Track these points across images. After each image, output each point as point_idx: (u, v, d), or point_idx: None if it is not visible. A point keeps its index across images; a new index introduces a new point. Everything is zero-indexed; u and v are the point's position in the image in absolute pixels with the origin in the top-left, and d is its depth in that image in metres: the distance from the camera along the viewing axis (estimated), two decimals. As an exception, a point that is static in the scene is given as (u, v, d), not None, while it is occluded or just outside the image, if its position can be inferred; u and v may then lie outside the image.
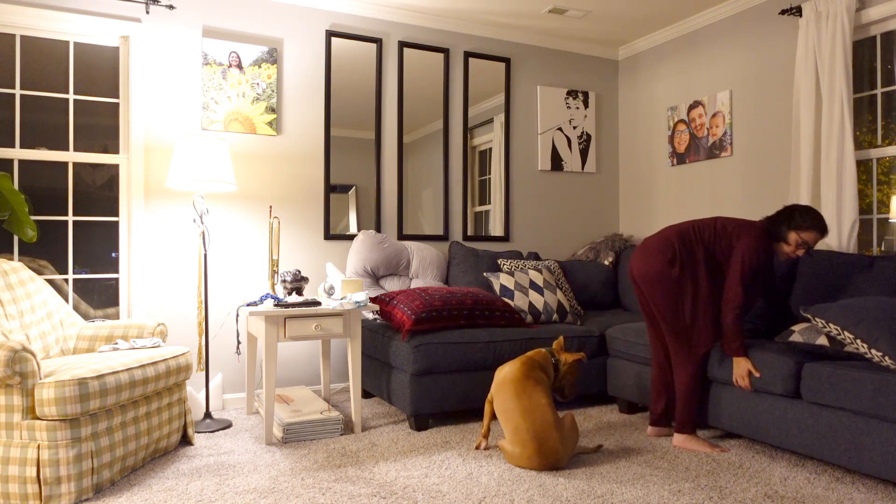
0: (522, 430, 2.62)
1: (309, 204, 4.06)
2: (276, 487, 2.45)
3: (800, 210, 2.85)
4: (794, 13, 3.69)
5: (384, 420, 3.44)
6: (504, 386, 2.76)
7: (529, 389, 2.70)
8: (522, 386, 2.71)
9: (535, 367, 2.84)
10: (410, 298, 3.34)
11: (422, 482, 2.49)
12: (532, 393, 2.69)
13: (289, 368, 3.98)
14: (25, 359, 2.22)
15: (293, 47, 4.01)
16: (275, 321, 3.03)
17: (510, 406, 2.68)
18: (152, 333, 3.04)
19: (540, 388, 2.74)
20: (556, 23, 4.55)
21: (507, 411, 2.69)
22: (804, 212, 2.84)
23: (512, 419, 2.66)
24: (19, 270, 2.95)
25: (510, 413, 2.68)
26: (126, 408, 2.52)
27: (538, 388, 2.73)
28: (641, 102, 4.96)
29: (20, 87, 3.45)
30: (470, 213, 4.62)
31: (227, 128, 3.79)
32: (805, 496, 2.35)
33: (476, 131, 4.64)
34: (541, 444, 2.58)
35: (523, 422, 2.62)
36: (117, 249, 3.65)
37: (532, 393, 2.69)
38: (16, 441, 2.23)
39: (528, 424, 2.61)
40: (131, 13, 3.58)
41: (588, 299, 4.42)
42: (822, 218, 2.83)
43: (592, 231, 5.09)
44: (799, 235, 2.82)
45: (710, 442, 2.93)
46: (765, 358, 2.74)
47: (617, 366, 3.58)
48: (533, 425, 2.60)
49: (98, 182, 3.64)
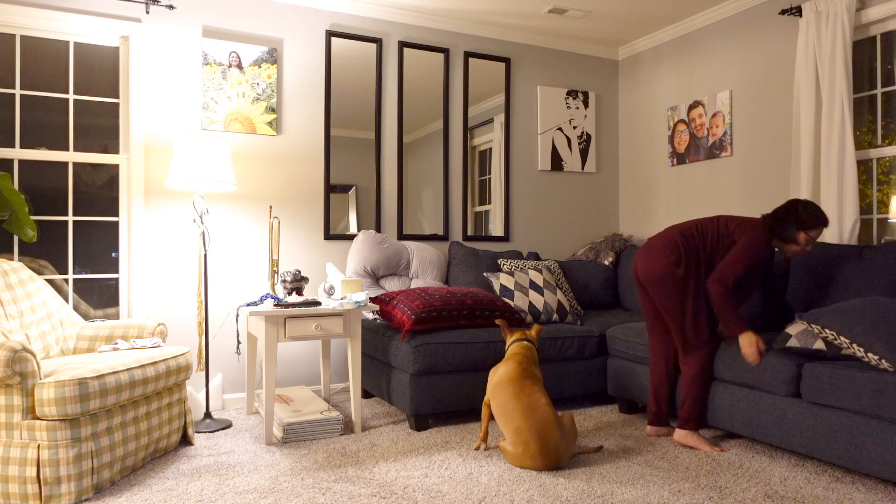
0: (524, 430, 2.61)
1: (309, 204, 4.06)
2: (276, 487, 2.45)
3: (803, 206, 2.86)
4: (794, 13, 3.69)
5: (384, 420, 3.44)
6: (502, 387, 2.75)
7: (528, 389, 2.70)
8: (521, 386, 2.71)
9: (530, 365, 2.84)
10: (410, 298, 3.34)
11: (422, 482, 2.49)
12: (531, 392, 2.69)
13: (289, 368, 3.98)
14: (25, 359, 2.22)
15: (293, 47, 4.01)
16: (275, 321, 3.03)
17: (510, 407, 2.68)
18: (152, 333, 3.04)
19: (537, 386, 2.74)
20: (556, 23, 4.55)
21: (507, 412, 2.69)
22: (808, 208, 2.85)
23: (513, 420, 2.66)
24: (19, 270, 2.94)
25: (511, 414, 2.67)
26: (126, 408, 2.52)
27: (535, 386, 2.73)
28: (641, 102, 4.96)
29: (20, 87, 3.45)
30: (470, 213, 4.62)
31: (227, 128, 3.79)
32: (805, 496, 2.35)
33: (476, 131, 4.64)
34: (543, 443, 2.58)
35: (524, 422, 2.62)
36: (117, 249, 3.65)
37: (531, 392, 2.69)
38: (16, 441, 2.24)
39: (530, 424, 2.61)
40: (131, 13, 3.58)
41: (588, 299, 4.42)
42: (822, 211, 2.89)
43: (592, 231, 5.09)
44: (808, 234, 2.85)
45: (710, 441, 2.93)
46: (765, 358, 2.74)
47: (617, 366, 3.58)
48: (535, 425, 2.60)
49: (98, 182, 3.64)
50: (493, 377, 2.85)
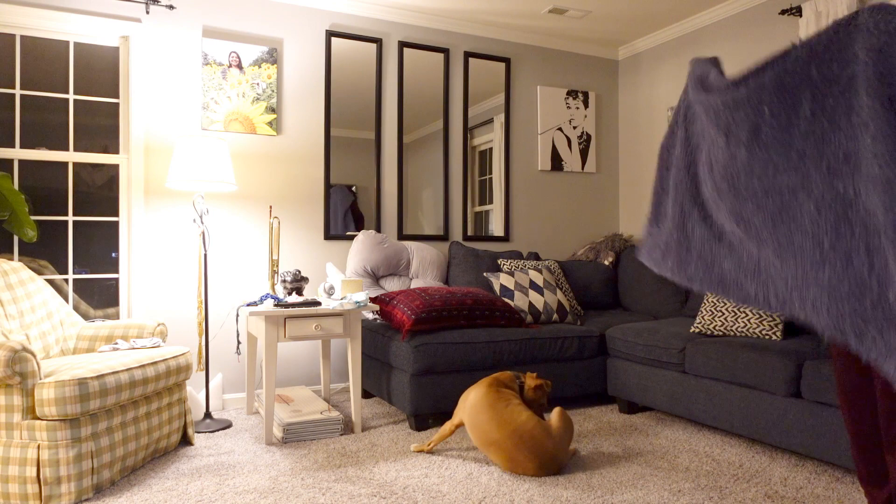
0: (521, 459, 2.52)
1: (309, 204, 4.06)
2: (276, 487, 2.45)
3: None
4: (794, 13, 3.69)
5: (384, 420, 3.44)
6: (479, 416, 2.61)
7: (509, 413, 2.57)
8: (500, 414, 2.57)
9: (502, 386, 2.71)
10: (410, 298, 3.34)
11: (422, 482, 2.49)
12: (512, 415, 2.56)
13: (289, 368, 3.98)
14: (25, 359, 2.22)
15: (293, 47, 4.01)
16: (275, 321, 3.03)
17: (495, 438, 2.55)
18: (152, 333, 3.04)
19: (515, 402, 2.62)
20: (556, 23, 4.55)
21: (493, 443, 2.56)
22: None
23: (504, 450, 2.54)
24: (19, 270, 2.95)
25: (501, 444, 2.54)
26: (126, 408, 2.52)
27: (513, 406, 2.60)
28: (641, 102, 4.96)
29: (20, 87, 3.45)
30: (470, 213, 4.62)
31: (227, 128, 3.79)
32: (805, 496, 2.35)
33: (476, 131, 4.64)
34: (540, 460, 2.51)
35: (518, 451, 2.52)
36: (117, 249, 3.65)
37: (512, 415, 2.56)
38: (16, 441, 2.24)
39: (523, 448, 2.51)
40: (131, 13, 3.58)
41: (588, 299, 4.42)
42: None
43: (592, 231, 5.09)
44: None
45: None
46: (765, 358, 2.74)
47: (617, 366, 3.58)
48: (527, 447, 2.50)
49: (98, 182, 3.64)
50: (464, 403, 2.73)
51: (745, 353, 2.84)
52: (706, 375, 3.03)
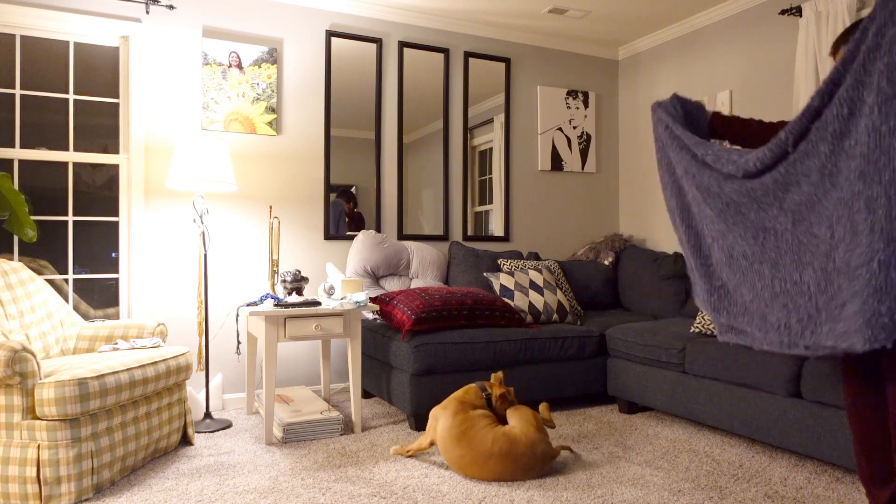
0: (506, 474, 2.49)
1: (309, 204, 4.06)
2: (276, 487, 2.45)
3: None
4: (794, 13, 3.69)
5: (384, 420, 3.44)
6: (451, 451, 2.55)
7: (478, 441, 2.50)
8: (470, 443, 2.51)
9: (469, 408, 2.64)
10: (410, 298, 3.34)
11: (422, 482, 2.49)
12: (482, 442, 2.50)
13: (289, 368, 3.98)
14: (25, 359, 2.22)
15: (293, 47, 4.01)
16: (275, 321, 3.03)
17: (472, 469, 2.50)
18: (152, 333, 3.04)
19: (480, 424, 2.56)
20: (556, 23, 4.55)
21: (474, 472, 2.51)
22: None
23: (486, 472, 2.49)
24: (19, 270, 2.95)
25: (480, 471, 2.49)
26: (126, 408, 2.52)
27: (479, 430, 2.54)
28: (641, 102, 4.96)
29: (20, 87, 3.45)
30: (470, 213, 4.62)
31: (227, 128, 3.79)
32: (805, 496, 2.35)
33: (476, 131, 4.64)
34: (523, 469, 2.49)
35: (500, 469, 2.48)
36: (117, 249, 3.65)
37: (482, 442, 2.50)
38: (16, 441, 2.24)
39: (502, 466, 2.48)
40: (131, 13, 3.58)
41: (588, 299, 4.42)
42: None
43: (592, 231, 5.09)
44: None
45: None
46: (765, 358, 2.74)
47: (617, 366, 3.58)
48: (504, 464, 2.48)
49: (98, 182, 3.64)
50: (434, 426, 2.69)
51: (744, 353, 2.84)
52: (706, 375, 3.03)
